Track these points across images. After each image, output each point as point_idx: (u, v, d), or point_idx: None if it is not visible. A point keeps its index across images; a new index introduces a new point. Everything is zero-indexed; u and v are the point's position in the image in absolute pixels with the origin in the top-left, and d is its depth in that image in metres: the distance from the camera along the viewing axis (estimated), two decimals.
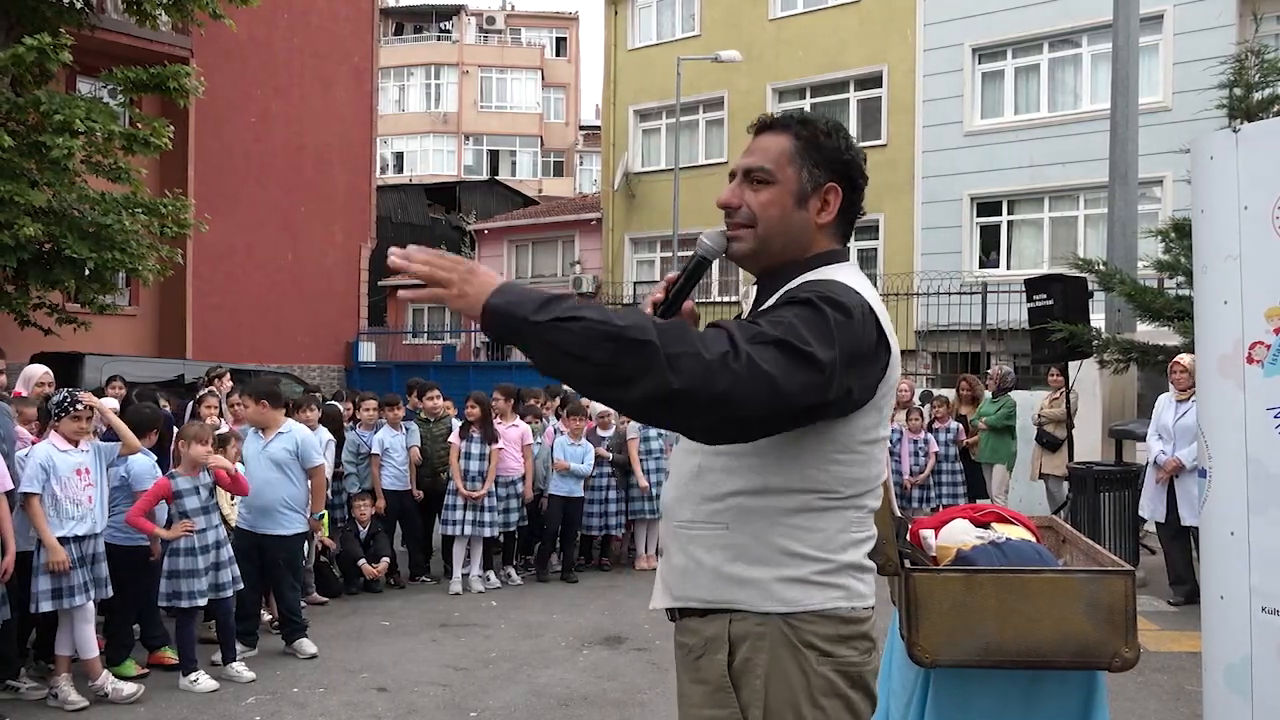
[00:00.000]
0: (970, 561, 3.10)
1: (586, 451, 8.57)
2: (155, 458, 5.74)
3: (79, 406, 5.18)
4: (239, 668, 5.59)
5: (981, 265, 17.42)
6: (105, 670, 5.20)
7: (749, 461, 1.80)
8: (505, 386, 8.79)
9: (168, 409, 7.50)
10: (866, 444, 1.84)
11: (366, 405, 8.44)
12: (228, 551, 5.64)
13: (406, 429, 8.37)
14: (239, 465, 6.02)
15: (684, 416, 1.61)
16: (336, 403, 9.36)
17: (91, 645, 5.11)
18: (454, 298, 1.64)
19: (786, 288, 1.86)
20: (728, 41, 19.45)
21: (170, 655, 5.66)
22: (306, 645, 6.03)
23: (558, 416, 9.13)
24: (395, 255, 1.68)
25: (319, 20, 19.53)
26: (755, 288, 1.98)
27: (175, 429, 6.59)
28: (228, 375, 9.14)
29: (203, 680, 5.36)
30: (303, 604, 7.03)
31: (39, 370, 6.72)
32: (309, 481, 6.21)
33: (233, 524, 6.18)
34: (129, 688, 5.17)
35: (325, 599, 7.41)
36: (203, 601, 5.40)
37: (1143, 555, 8.36)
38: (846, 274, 1.86)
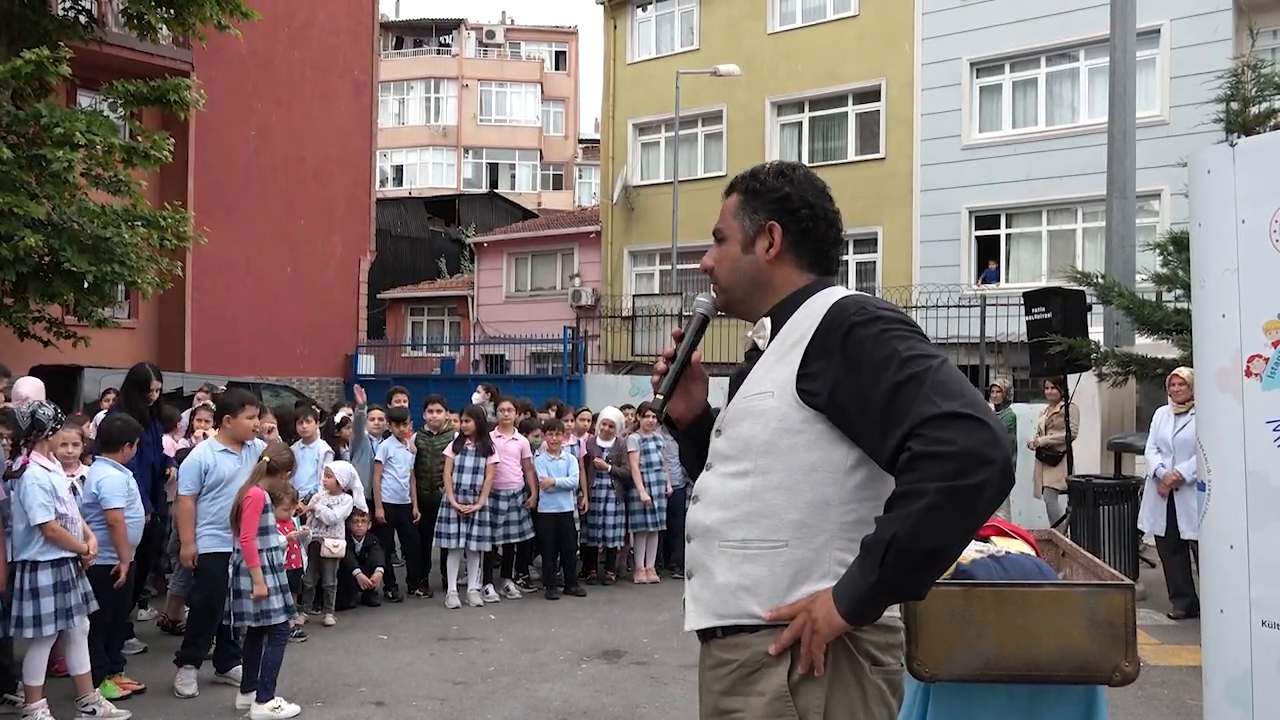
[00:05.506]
0: (970, 575, 3.09)
1: (570, 464, 8.53)
2: (131, 473, 5.58)
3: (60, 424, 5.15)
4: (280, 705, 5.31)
5: (980, 279, 17.42)
6: (43, 699, 4.93)
7: (811, 478, 1.88)
8: (514, 399, 8.76)
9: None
10: None
11: (373, 415, 8.48)
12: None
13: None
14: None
15: (1008, 481, 1.72)
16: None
17: (39, 672, 4.90)
18: (820, 636, 1.80)
19: (800, 317, 1.96)
20: (726, 55, 19.51)
21: (129, 681, 5.51)
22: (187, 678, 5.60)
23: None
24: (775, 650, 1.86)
25: (319, 34, 19.59)
26: (769, 320, 2.05)
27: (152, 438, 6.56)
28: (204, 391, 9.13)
29: (285, 708, 5.15)
30: (305, 619, 7.04)
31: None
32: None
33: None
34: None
35: (333, 621, 7.25)
36: (281, 619, 5.26)
37: (1142, 569, 8.34)
38: (838, 293, 1.98)
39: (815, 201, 2.04)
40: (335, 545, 7.21)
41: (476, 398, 9.69)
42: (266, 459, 5.55)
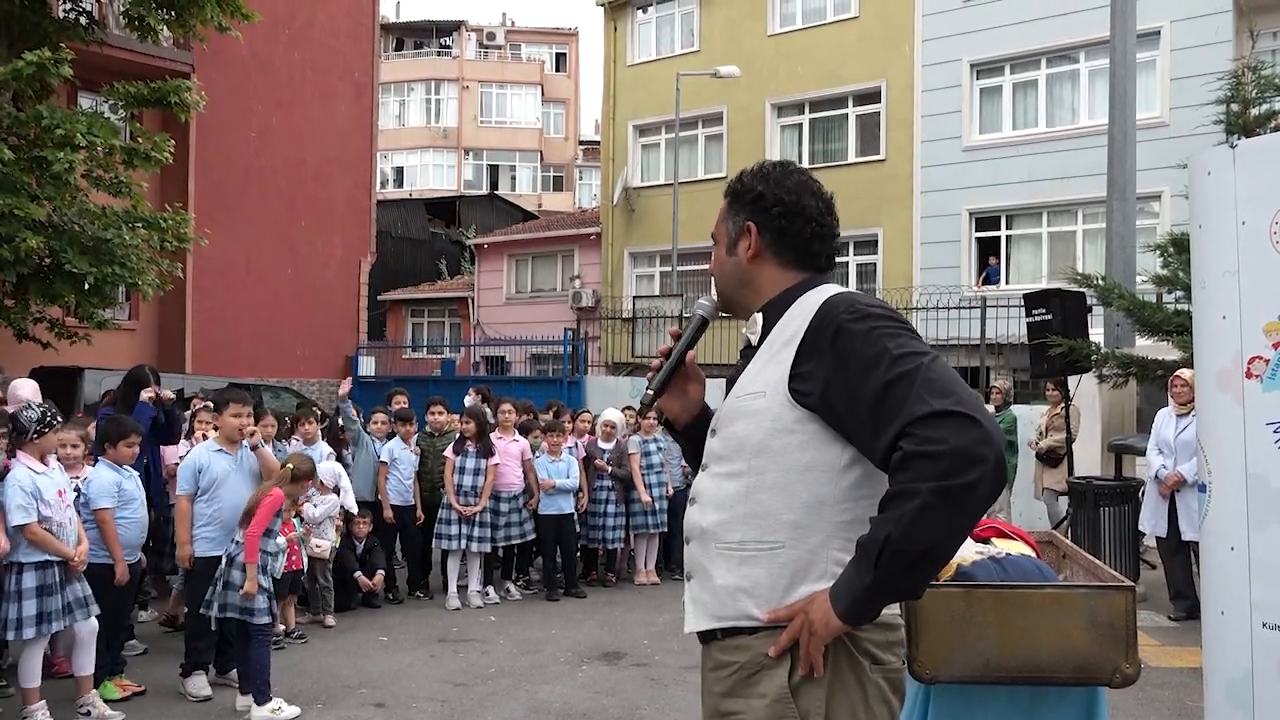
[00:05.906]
0: (970, 577, 3.09)
1: (570, 465, 8.54)
2: (129, 474, 5.57)
3: (58, 422, 5.14)
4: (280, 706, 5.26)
5: (982, 278, 17.42)
6: (42, 700, 4.94)
7: (806, 478, 1.87)
8: (515, 401, 8.74)
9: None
10: None
11: (376, 418, 8.49)
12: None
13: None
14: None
15: (1001, 479, 1.71)
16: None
17: (34, 674, 4.89)
18: (818, 637, 1.80)
19: (791, 316, 1.95)
20: (727, 57, 19.52)
21: (129, 683, 5.52)
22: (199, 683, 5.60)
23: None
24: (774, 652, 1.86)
25: (320, 35, 19.60)
26: (760, 315, 2.05)
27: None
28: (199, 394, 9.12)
29: (285, 710, 5.15)
30: (301, 620, 7.04)
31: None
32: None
33: None
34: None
35: (333, 623, 7.25)
36: (266, 619, 5.23)
37: (1143, 570, 8.34)
38: (829, 291, 1.95)
39: (791, 199, 2.01)
40: (318, 545, 7.19)
41: (468, 400, 9.69)
42: (290, 466, 5.64)
